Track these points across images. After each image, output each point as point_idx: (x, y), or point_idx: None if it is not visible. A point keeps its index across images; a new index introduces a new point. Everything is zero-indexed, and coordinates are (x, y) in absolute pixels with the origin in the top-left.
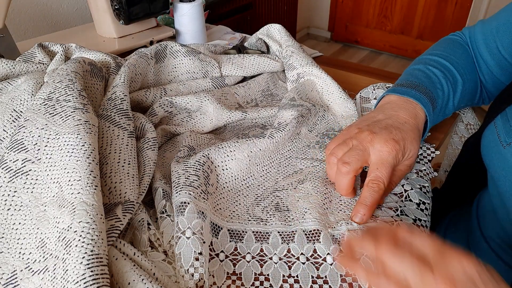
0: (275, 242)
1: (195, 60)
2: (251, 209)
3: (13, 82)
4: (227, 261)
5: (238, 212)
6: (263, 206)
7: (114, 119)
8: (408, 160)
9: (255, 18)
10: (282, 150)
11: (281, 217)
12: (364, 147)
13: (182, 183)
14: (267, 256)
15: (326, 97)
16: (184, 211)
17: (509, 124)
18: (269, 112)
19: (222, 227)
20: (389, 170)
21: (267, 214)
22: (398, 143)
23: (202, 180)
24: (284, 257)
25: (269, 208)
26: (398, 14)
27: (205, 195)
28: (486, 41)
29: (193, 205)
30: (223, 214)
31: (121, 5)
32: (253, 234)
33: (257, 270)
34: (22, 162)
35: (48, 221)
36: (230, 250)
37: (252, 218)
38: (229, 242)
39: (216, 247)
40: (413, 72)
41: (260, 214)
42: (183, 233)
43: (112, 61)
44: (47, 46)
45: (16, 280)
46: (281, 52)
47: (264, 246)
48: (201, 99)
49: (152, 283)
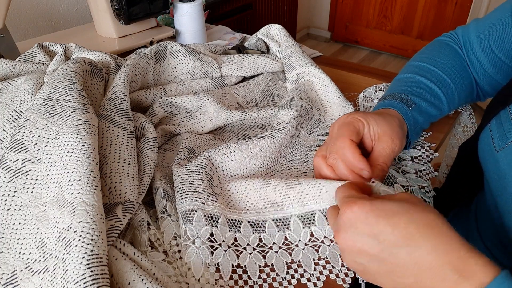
0: (296, 227)
1: (195, 60)
2: (263, 192)
3: (13, 82)
4: (256, 253)
5: (252, 200)
6: (273, 184)
7: (114, 119)
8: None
9: (255, 18)
10: (284, 153)
11: (295, 196)
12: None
13: (187, 189)
14: (293, 244)
15: (325, 98)
16: (192, 219)
17: (503, 128)
18: (269, 112)
19: (242, 220)
20: None
21: (280, 195)
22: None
23: (207, 183)
24: (309, 242)
25: (280, 186)
26: (398, 14)
27: (213, 197)
28: (479, 40)
29: (200, 212)
30: (238, 208)
31: (121, 5)
32: (273, 223)
33: (287, 258)
34: (22, 162)
35: (48, 221)
36: (255, 241)
37: (268, 204)
38: (252, 234)
39: (242, 241)
40: (400, 81)
41: (273, 195)
42: (193, 242)
43: (112, 61)
44: (47, 46)
45: (16, 280)
46: (281, 52)
47: (288, 233)
48: (201, 99)
49: (152, 283)
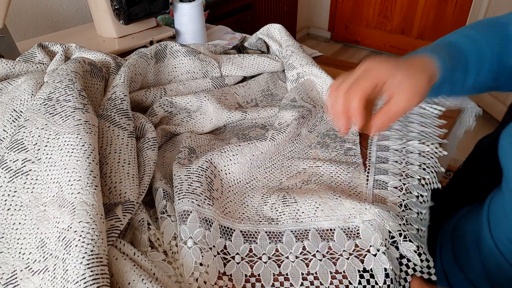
0: (289, 240)
1: (195, 60)
2: (259, 209)
3: (13, 82)
4: (244, 263)
5: (248, 213)
6: (270, 203)
7: (114, 119)
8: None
9: (255, 18)
10: (284, 152)
11: (291, 214)
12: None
13: (185, 189)
14: (283, 256)
15: (326, 97)
16: (186, 220)
17: None
18: (269, 112)
19: (234, 229)
20: None
21: (276, 212)
22: None
23: (205, 186)
24: (300, 255)
25: (276, 204)
26: (398, 14)
27: (210, 201)
28: None
29: (195, 213)
30: (233, 216)
31: (121, 5)
32: (266, 235)
33: (275, 270)
34: (22, 162)
35: (48, 221)
36: (245, 251)
37: (262, 219)
38: (243, 243)
39: (231, 250)
40: (437, 43)
41: (269, 213)
42: (185, 242)
43: (112, 61)
44: (47, 46)
45: (16, 280)
46: (281, 52)
47: (279, 246)
48: (201, 99)
49: (152, 283)
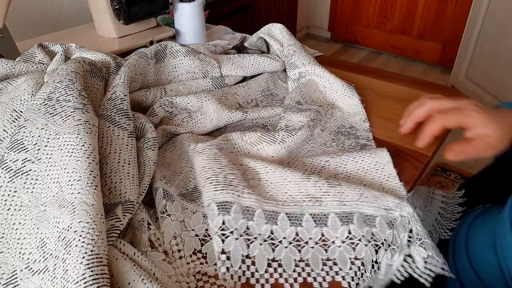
0: (333, 224)
1: (195, 60)
2: (302, 186)
3: (13, 82)
4: (291, 247)
5: (291, 192)
6: (314, 180)
7: (114, 119)
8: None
9: (255, 18)
10: (299, 154)
11: (335, 195)
12: None
13: (222, 181)
14: (329, 241)
15: (330, 96)
16: (230, 211)
17: None
18: (269, 112)
19: (279, 212)
20: None
21: (320, 191)
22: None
23: (240, 177)
24: (346, 239)
25: (320, 182)
26: (398, 14)
27: (249, 190)
28: None
29: (237, 205)
30: (276, 199)
31: (121, 5)
32: (311, 217)
33: (323, 255)
34: (22, 162)
35: (48, 221)
36: (292, 236)
37: (306, 198)
38: (289, 227)
39: (278, 234)
40: None
41: (313, 191)
42: (231, 232)
43: (112, 61)
44: (47, 46)
45: (16, 280)
46: (283, 51)
47: (325, 229)
48: (202, 99)
49: (152, 283)
